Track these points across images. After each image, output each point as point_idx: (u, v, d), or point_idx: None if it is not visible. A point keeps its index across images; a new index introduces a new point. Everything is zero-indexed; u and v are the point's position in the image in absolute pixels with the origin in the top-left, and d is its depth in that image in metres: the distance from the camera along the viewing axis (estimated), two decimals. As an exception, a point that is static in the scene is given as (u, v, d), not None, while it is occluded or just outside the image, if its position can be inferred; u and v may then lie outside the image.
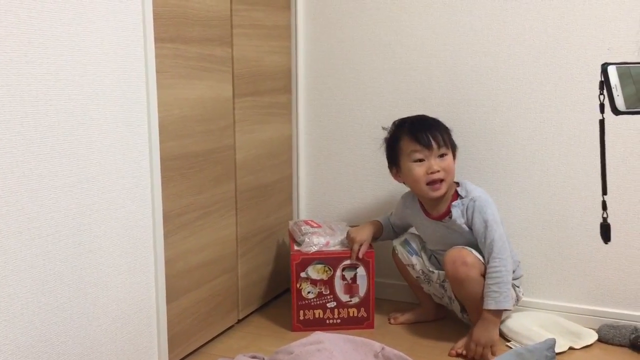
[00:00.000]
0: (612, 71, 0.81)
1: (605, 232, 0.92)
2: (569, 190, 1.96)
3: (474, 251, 1.80)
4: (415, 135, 1.83)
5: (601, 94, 0.82)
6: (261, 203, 2.10)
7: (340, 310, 1.97)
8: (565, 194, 1.97)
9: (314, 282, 1.95)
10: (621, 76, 0.81)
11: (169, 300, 1.64)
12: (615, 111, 0.81)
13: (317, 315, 1.97)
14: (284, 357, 1.48)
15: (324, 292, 1.96)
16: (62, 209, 1.29)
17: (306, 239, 1.98)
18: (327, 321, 1.97)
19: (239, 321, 2.01)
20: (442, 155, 1.83)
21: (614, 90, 0.81)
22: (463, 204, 1.84)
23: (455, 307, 1.93)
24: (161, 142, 1.56)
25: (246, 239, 2.01)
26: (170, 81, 1.60)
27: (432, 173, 1.81)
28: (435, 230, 1.91)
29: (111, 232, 1.42)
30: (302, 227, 2.04)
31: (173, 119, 1.62)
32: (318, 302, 1.96)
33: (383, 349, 1.55)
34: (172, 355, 1.67)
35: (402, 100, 2.14)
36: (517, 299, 1.89)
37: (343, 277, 1.95)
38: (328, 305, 1.96)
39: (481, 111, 2.02)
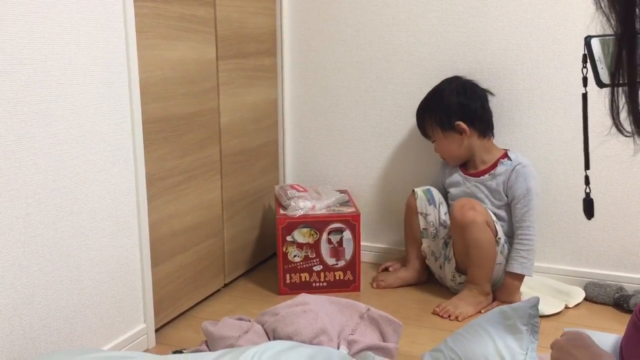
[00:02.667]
0: (595, 44, 0.80)
1: (589, 207, 0.92)
2: (554, 152, 1.96)
3: (481, 205, 1.86)
4: None
5: (584, 67, 0.81)
6: (247, 167, 2.08)
7: (327, 273, 1.97)
8: (551, 157, 1.96)
9: (300, 246, 1.95)
10: (604, 48, 0.79)
11: (154, 264, 1.63)
12: (600, 84, 0.80)
13: (303, 279, 1.97)
14: (269, 318, 1.48)
15: (310, 256, 1.96)
16: (42, 171, 1.26)
17: (292, 202, 1.97)
18: (314, 284, 1.97)
19: (226, 285, 2.01)
20: (433, 142, 1.99)
21: (597, 63, 0.80)
22: (511, 165, 1.88)
23: (449, 269, 1.92)
24: (143, 103, 1.53)
25: (232, 203, 2.00)
26: (151, 41, 1.57)
27: None
28: (466, 188, 1.95)
29: (93, 194, 1.40)
30: (289, 192, 2.03)
31: (155, 80, 1.59)
32: (304, 266, 1.96)
33: (368, 310, 1.55)
34: (158, 319, 1.67)
35: (388, 62, 2.12)
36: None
37: (329, 241, 1.95)
38: (314, 268, 1.97)
39: (467, 73, 2.00)
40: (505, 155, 1.91)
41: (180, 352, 1.47)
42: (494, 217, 1.86)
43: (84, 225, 1.39)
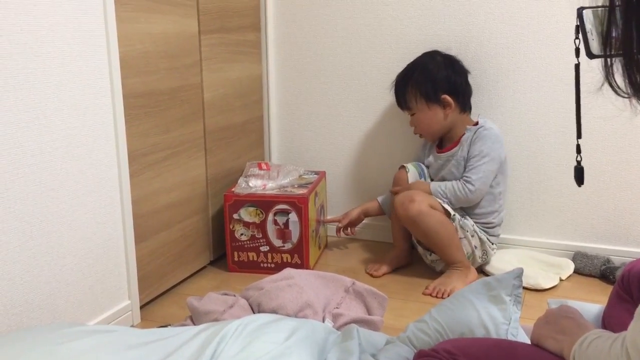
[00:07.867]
0: (587, 15, 0.81)
1: (579, 175, 0.94)
2: (539, 125, 1.95)
3: (421, 192, 1.83)
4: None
5: (577, 38, 0.82)
6: (232, 144, 2.06)
7: (274, 254, 1.93)
8: (537, 131, 1.96)
9: (246, 225, 1.91)
10: (595, 19, 0.81)
11: (138, 240, 1.62)
12: (590, 55, 0.81)
13: (251, 258, 1.94)
14: (254, 293, 1.48)
15: (256, 236, 1.92)
16: (19, 146, 1.24)
17: (243, 180, 1.95)
18: (262, 265, 1.94)
19: (212, 262, 2.01)
20: (412, 114, 1.94)
21: (589, 35, 0.81)
22: (474, 131, 1.87)
23: (421, 249, 1.95)
24: (123, 77, 1.50)
25: (217, 180, 1.98)
26: (131, 14, 1.54)
27: None
28: (439, 166, 1.94)
29: (73, 170, 1.39)
30: (251, 169, 2.01)
31: (135, 54, 1.56)
32: (252, 245, 1.93)
33: (354, 283, 1.55)
34: (143, 296, 1.66)
35: (374, 37, 2.10)
36: (487, 255, 1.90)
37: (275, 222, 1.91)
38: (261, 249, 1.93)
39: (454, 47, 1.98)
40: (476, 123, 1.90)
41: (165, 327, 1.46)
42: (438, 199, 1.83)
43: (65, 200, 1.37)
